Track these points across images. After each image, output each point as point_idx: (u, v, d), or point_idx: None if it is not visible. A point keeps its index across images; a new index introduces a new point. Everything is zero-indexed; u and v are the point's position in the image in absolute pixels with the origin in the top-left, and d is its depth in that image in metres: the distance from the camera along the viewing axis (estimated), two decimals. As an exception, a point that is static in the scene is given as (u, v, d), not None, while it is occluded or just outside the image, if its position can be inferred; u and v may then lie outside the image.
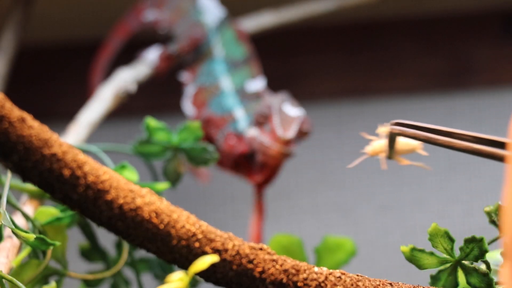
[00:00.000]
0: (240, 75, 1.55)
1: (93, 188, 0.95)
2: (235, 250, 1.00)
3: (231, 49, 1.58)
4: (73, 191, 0.95)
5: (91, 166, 0.96)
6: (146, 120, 1.38)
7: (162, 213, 0.98)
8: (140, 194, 0.98)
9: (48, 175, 0.94)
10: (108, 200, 0.96)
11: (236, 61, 1.56)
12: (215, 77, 1.56)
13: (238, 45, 1.58)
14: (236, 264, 1.00)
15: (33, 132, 0.93)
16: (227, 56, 1.57)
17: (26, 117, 0.94)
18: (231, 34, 1.60)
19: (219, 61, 1.57)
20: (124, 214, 0.96)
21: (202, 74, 1.58)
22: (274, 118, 1.38)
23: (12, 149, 0.92)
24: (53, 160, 0.94)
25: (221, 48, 1.58)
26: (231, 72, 1.55)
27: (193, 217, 1.00)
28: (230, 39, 1.59)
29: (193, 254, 0.98)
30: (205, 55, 1.60)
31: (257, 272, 1.00)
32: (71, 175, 0.94)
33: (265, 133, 1.40)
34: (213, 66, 1.57)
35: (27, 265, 1.20)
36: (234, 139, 1.48)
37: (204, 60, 1.59)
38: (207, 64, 1.58)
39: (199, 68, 1.59)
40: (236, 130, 1.48)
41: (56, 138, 0.95)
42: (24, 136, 0.93)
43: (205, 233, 0.99)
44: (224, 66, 1.56)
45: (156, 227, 0.97)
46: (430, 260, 1.12)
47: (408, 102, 2.19)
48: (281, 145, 1.38)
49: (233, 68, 1.56)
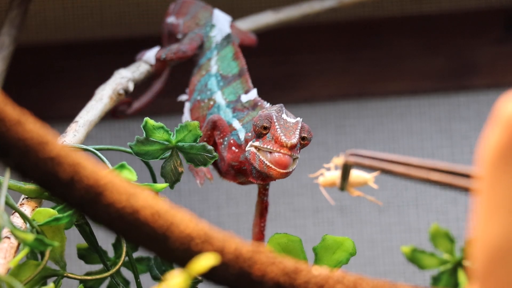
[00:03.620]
0: (232, 89, 1.57)
1: (92, 188, 0.95)
2: (235, 250, 1.00)
3: (225, 65, 1.61)
4: (73, 192, 0.95)
5: (91, 167, 0.96)
6: (144, 120, 1.38)
7: (162, 213, 0.98)
8: (140, 194, 0.98)
9: (47, 176, 0.94)
10: (107, 200, 0.96)
11: (229, 76, 1.59)
12: (209, 92, 1.58)
13: (233, 62, 1.61)
14: (235, 264, 0.99)
15: (32, 133, 0.93)
16: (220, 71, 1.60)
17: (25, 117, 0.94)
18: (230, 51, 1.62)
19: (213, 75, 1.59)
20: (124, 215, 0.96)
21: (197, 90, 1.59)
22: (276, 126, 1.39)
23: (11, 150, 0.92)
24: (52, 161, 0.93)
25: (215, 63, 1.61)
26: (223, 87, 1.57)
27: (193, 218, 1.00)
28: (227, 55, 1.62)
29: (193, 254, 0.98)
30: (202, 70, 1.62)
31: (257, 272, 1.00)
32: (70, 176, 0.94)
33: (267, 143, 1.40)
34: (208, 81, 1.59)
35: (25, 266, 1.19)
36: (236, 147, 1.49)
37: (202, 74, 1.61)
38: (203, 79, 1.60)
39: (196, 84, 1.61)
40: (237, 140, 1.50)
41: (55, 138, 0.95)
42: (23, 136, 0.92)
43: (205, 234, 0.99)
44: (217, 81, 1.58)
45: (155, 227, 0.97)
46: (431, 261, 1.12)
47: (408, 102, 2.19)
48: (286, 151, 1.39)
49: (225, 82, 1.57)
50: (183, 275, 0.92)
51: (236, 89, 1.58)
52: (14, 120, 0.92)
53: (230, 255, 0.99)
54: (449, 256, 1.10)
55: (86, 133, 1.50)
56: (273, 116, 1.40)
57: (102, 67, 1.76)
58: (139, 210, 0.96)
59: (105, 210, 0.96)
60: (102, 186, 0.95)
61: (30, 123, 0.94)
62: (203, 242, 0.98)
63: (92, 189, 0.95)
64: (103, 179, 0.96)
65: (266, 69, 2.15)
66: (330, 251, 1.42)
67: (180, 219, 0.98)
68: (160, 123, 1.38)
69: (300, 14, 1.90)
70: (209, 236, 0.99)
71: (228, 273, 0.99)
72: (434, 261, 1.11)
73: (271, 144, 1.39)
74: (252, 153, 1.42)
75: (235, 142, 1.49)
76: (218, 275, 0.99)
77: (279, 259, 1.02)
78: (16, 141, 0.92)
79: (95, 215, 0.96)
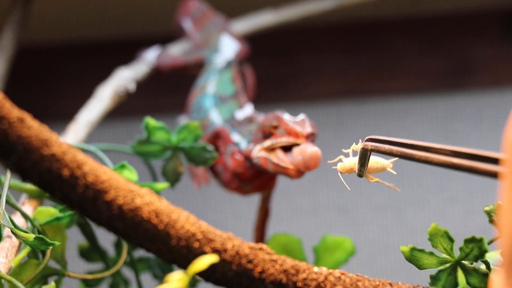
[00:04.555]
0: (228, 107, 1.57)
1: (93, 188, 0.95)
2: (235, 250, 1.00)
3: (223, 87, 1.61)
4: (73, 191, 0.95)
5: (90, 166, 0.96)
6: (145, 120, 1.38)
7: (162, 213, 0.98)
8: (139, 194, 0.98)
9: (48, 175, 0.94)
10: (107, 200, 0.96)
11: (224, 96, 1.59)
12: (204, 111, 1.57)
13: (230, 85, 1.61)
14: (235, 264, 1.00)
15: (32, 132, 0.93)
16: (217, 92, 1.60)
17: (25, 117, 0.94)
18: (229, 75, 1.63)
19: (209, 96, 1.59)
20: (124, 214, 0.96)
21: (193, 110, 1.60)
22: (286, 121, 1.37)
23: (12, 149, 0.92)
24: (52, 160, 0.94)
25: (214, 85, 1.61)
26: (219, 106, 1.57)
27: (193, 217, 1.00)
28: (226, 79, 1.62)
29: (193, 254, 0.98)
30: (199, 91, 1.62)
31: (257, 272, 1.00)
32: (70, 175, 0.94)
33: (280, 137, 1.37)
34: (203, 101, 1.59)
35: (26, 265, 1.20)
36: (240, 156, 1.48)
37: (197, 95, 1.62)
38: (199, 99, 1.61)
39: (192, 104, 1.61)
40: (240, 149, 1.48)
41: (56, 138, 0.95)
42: (24, 136, 0.93)
43: (204, 233, 0.99)
44: (213, 101, 1.58)
45: (155, 227, 0.97)
46: (430, 260, 1.12)
47: (408, 102, 2.19)
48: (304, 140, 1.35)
49: (221, 102, 1.58)
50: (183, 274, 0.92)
51: (231, 107, 1.57)
52: (15, 118, 0.93)
53: (230, 254, 0.99)
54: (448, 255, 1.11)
55: (87, 133, 1.50)
56: (279, 115, 1.39)
57: (103, 67, 1.77)
58: (138, 208, 0.97)
59: (104, 209, 0.96)
60: (101, 184, 0.96)
61: (30, 121, 0.94)
62: (202, 241, 0.99)
63: (92, 187, 0.95)
64: (102, 177, 0.96)
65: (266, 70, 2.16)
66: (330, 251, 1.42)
67: (179, 219, 0.99)
68: (161, 123, 1.38)
69: (300, 16, 1.90)
70: (208, 235, 0.99)
71: (228, 271, 1.00)
72: (433, 260, 1.11)
73: (285, 137, 1.36)
74: (263, 158, 1.39)
75: (238, 150, 1.48)
76: (218, 273, 1.00)
77: (279, 257, 1.02)
78: (17, 139, 0.92)
79: (94, 214, 0.97)
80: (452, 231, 1.11)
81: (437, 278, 1.12)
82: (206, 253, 0.98)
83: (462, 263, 1.11)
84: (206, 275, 1.00)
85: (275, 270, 1.01)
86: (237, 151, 1.48)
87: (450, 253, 1.11)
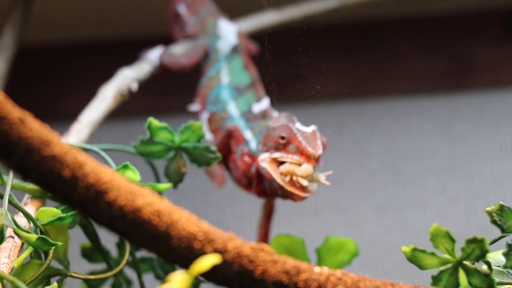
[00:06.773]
0: (245, 99, 1.57)
1: (94, 188, 0.95)
2: (236, 250, 1.00)
3: (236, 76, 1.61)
4: (74, 191, 0.95)
5: (91, 167, 0.96)
6: (148, 120, 1.38)
7: (163, 214, 0.98)
8: (141, 194, 0.98)
9: (49, 175, 0.94)
10: (108, 201, 0.96)
11: (241, 86, 1.59)
12: (222, 103, 1.58)
13: (244, 72, 1.61)
14: (237, 264, 1.00)
15: (33, 133, 0.93)
16: (232, 82, 1.60)
17: (26, 117, 0.94)
18: (239, 62, 1.63)
19: (225, 87, 1.59)
20: (125, 215, 0.96)
21: (210, 102, 1.59)
22: (299, 138, 1.37)
23: (13, 149, 0.92)
24: (53, 160, 0.94)
25: (227, 74, 1.61)
26: (236, 97, 1.57)
27: (194, 217, 1.00)
28: (238, 66, 1.62)
29: (194, 255, 0.98)
30: (213, 81, 1.62)
31: (258, 273, 1.00)
32: (71, 176, 0.94)
33: (292, 153, 1.38)
34: (220, 93, 1.59)
35: (29, 265, 1.20)
36: (248, 158, 1.49)
37: (212, 86, 1.61)
38: (215, 90, 1.60)
39: (207, 95, 1.61)
40: (250, 151, 1.49)
41: (57, 138, 0.95)
42: (25, 136, 0.92)
43: (206, 233, 0.99)
44: (230, 92, 1.58)
45: (156, 227, 0.97)
46: (431, 261, 1.12)
47: (408, 102, 2.19)
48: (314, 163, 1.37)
49: (238, 93, 1.58)
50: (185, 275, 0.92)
51: (249, 99, 1.58)
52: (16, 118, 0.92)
53: (231, 254, 1.00)
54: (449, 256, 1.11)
55: (89, 132, 1.51)
56: (292, 128, 1.39)
57: (105, 67, 1.77)
58: (139, 209, 0.97)
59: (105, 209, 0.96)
60: (103, 185, 0.96)
61: (32, 122, 0.94)
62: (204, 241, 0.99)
63: (93, 187, 0.95)
64: (104, 177, 0.96)
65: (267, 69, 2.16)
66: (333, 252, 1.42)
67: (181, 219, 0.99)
68: (164, 123, 1.38)
69: (302, 15, 1.90)
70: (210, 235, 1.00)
71: (229, 272, 1.00)
72: (434, 261, 1.11)
73: (297, 155, 1.37)
74: (267, 173, 1.40)
75: (248, 152, 1.49)
76: (219, 274, 1.00)
77: (280, 258, 1.02)
78: (18, 139, 0.92)
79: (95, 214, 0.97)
80: (453, 232, 1.11)
81: (438, 279, 1.13)
82: (208, 254, 0.98)
83: (463, 264, 1.11)
84: (207, 275, 1.00)
85: (276, 271, 1.01)
86: (246, 152, 1.49)
87: (452, 254, 1.11)
